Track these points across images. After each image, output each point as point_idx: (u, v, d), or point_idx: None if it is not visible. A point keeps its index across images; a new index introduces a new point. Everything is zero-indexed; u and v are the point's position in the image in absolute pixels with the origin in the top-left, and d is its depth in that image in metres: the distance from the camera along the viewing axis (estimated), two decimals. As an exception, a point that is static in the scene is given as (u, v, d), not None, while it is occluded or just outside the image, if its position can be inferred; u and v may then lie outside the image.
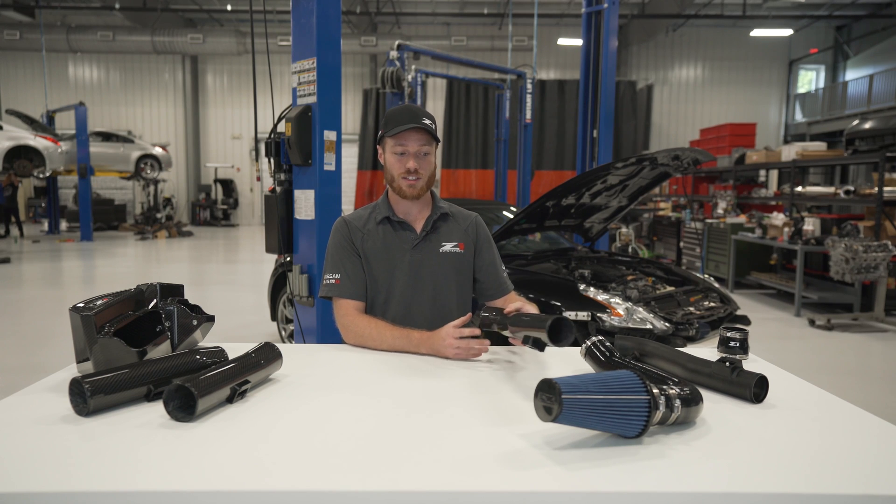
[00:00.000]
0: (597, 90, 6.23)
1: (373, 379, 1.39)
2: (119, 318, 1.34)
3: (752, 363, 1.51)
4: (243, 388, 1.21)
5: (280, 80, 10.39)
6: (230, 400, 1.18)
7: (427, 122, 1.68)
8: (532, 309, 1.53)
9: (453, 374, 1.44)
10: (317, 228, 3.02)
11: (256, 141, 3.51)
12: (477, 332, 1.55)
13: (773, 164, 8.46)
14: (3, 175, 10.73)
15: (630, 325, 3.10)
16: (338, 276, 1.75)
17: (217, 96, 18.45)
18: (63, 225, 15.14)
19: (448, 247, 1.79)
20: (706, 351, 1.52)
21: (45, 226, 14.88)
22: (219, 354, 1.33)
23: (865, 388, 4.16)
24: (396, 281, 1.76)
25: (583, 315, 3.13)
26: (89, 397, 1.09)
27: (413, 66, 7.23)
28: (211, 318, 1.52)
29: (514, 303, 1.52)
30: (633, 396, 1.00)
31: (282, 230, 3.15)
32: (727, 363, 1.29)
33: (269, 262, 5.36)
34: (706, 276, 5.42)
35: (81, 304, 1.32)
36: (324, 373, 1.44)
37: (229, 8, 16.34)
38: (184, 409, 1.11)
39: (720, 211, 8.75)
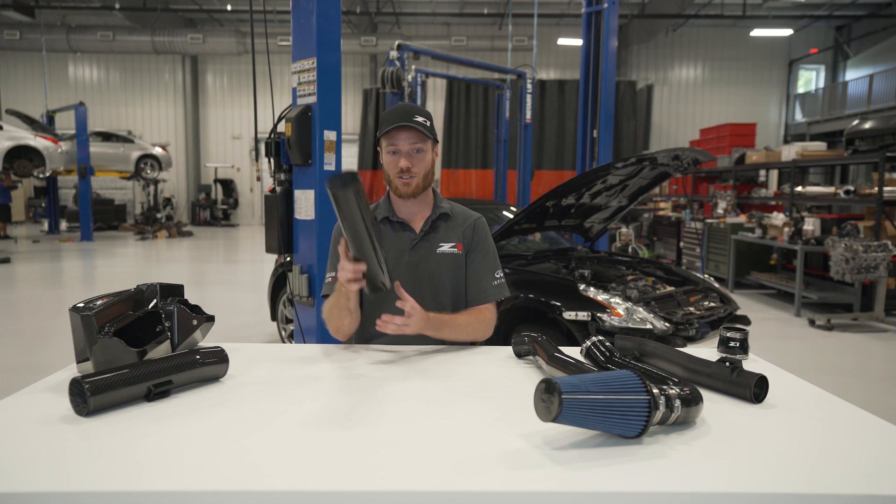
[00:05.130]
0: (597, 90, 6.23)
1: (373, 379, 1.39)
2: (119, 318, 1.34)
3: (752, 363, 1.51)
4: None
5: (280, 80, 10.38)
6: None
7: (419, 119, 1.66)
8: (465, 317, 1.70)
9: (453, 375, 1.44)
10: (317, 228, 3.02)
11: (256, 141, 3.51)
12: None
13: (773, 164, 8.46)
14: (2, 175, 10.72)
15: (630, 325, 3.09)
16: (333, 275, 1.77)
17: (217, 96, 18.45)
18: (63, 225, 15.13)
19: (446, 247, 1.78)
20: (706, 351, 1.52)
21: (45, 226, 14.88)
22: (219, 354, 1.33)
23: (865, 388, 4.16)
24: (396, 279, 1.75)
25: (583, 315, 3.13)
26: (89, 397, 1.09)
27: (413, 66, 7.23)
28: (211, 318, 1.52)
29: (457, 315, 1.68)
30: (633, 396, 1.00)
31: (282, 230, 3.15)
32: (727, 363, 1.29)
33: (269, 262, 5.36)
34: (706, 276, 5.42)
35: (81, 304, 1.32)
36: (323, 373, 1.44)
37: (229, 8, 16.34)
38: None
39: (720, 211, 8.75)
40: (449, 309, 1.77)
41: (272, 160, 3.11)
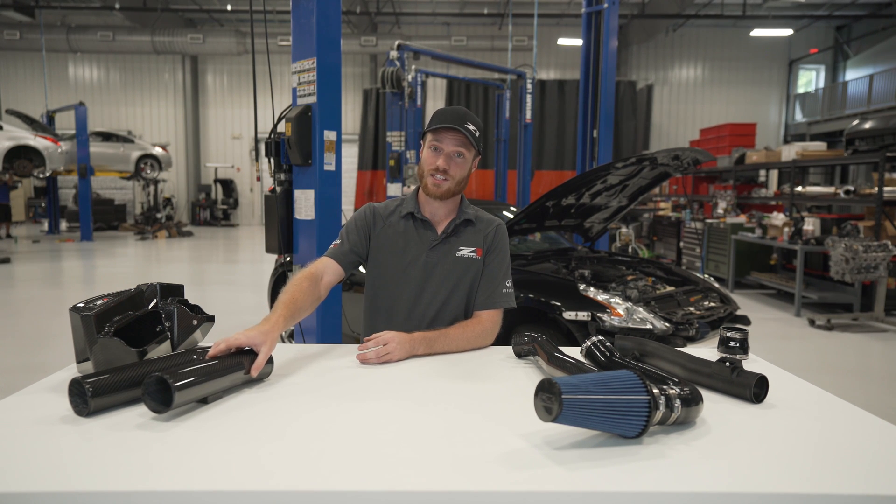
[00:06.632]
0: (597, 90, 6.23)
1: (373, 379, 1.39)
2: (119, 318, 1.34)
3: (752, 363, 1.51)
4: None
5: (280, 80, 10.39)
6: (204, 401, 1.18)
7: (470, 127, 1.68)
8: (459, 330, 1.66)
9: (453, 375, 1.44)
10: (317, 228, 3.02)
11: (256, 141, 3.51)
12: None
13: (773, 164, 8.46)
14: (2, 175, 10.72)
15: (630, 325, 3.09)
16: (338, 242, 1.80)
17: (217, 96, 18.44)
18: (63, 225, 15.13)
19: (465, 252, 1.78)
20: (706, 351, 1.52)
21: (45, 226, 14.88)
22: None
23: (865, 388, 4.16)
24: (410, 278, 1.76)
25: (583, 315, 3.13)
26: (89, 398, 1.08)
27: (413, 66, 7.24)
28: (211, 318, 1.52)
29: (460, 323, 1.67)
30: (633, 396, 1.00)
31: (282, 230, 3.15)
32: (727, 363, 1.29)
33: (269, 262, 5.36)
34: (706, 276, 5.42)
35: (81, 304, 1.32)
36: (323, 373, 1.43)
37: (229, 8, 16.33)
38: (159, 400, 1.11)
39: (720, 211, 8.76)
40: (460, 311, 1.78)
41: (272, 160, 3.11)
